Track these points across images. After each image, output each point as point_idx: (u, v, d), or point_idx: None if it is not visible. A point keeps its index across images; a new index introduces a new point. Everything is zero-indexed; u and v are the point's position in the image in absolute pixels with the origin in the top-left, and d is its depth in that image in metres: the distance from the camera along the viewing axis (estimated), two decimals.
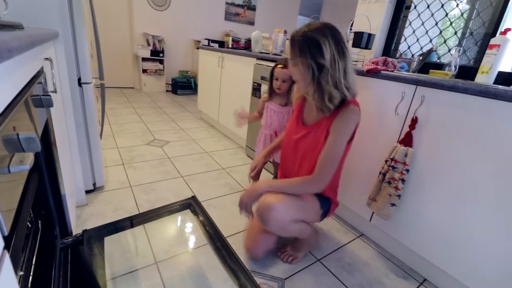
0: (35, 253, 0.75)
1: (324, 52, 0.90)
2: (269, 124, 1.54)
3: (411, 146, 1.11)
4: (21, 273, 0.63)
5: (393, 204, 1.16)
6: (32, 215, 0.80)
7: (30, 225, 0.76)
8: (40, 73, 0.71)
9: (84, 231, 1.00)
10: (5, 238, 0.32)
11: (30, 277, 0.68)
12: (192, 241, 1.25)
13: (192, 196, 1.18)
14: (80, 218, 1.29)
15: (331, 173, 1.00)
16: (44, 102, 0.64)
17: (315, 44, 0.90)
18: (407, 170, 1.11)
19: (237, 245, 1.25)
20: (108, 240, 1.17)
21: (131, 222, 1.11)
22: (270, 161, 1.71)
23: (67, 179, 1.02)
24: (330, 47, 0.91)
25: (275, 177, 1.34)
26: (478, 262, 0.98)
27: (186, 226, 1.34)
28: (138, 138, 2.41)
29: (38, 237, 0.81)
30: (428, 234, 1.12)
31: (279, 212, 1.00)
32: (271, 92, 1.50)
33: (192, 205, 1.18)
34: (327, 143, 1.00)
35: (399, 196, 1.14)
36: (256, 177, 1.34)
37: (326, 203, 1.14)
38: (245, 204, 1.06)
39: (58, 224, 0.97)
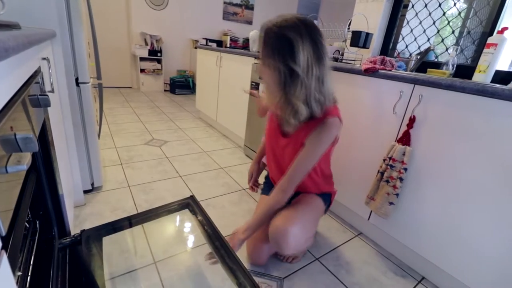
0: (33, 253, 0.74)
1: (298, 56, 0.75)
2: None
3: (409, 145, 1.11)
4: (19, 273, 0.63)
5: (391, 203, 1.16)
6: (30, 216, 0.80)
7: (28, 226, 0.76)
8: (37, 72, 0.71)
9: (82, 231, 0.99)
10: (2, 239, 0.32)
11: (28, 278, 0.68)
12: (190, 241, 1.25)
13: (191, 196, 1.18)
14: (78, 218, 1.28)
15: (298, 182, 0.95)
16: (42, 102, 0.64)
17: (288, 45, 0.75)
18: (405, 169, 1.12)
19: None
20: (107, 240, 1.16)
21: (129, 222, 1.10)
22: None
23: (65, 179, 1.01)
24: (306, 49, 0.76)
25: (268, 181, 1.28)
26: (476, 260, 0.99)
27: (185, 226, 1.34)
28: (136, 137, 2.40)
29: (36, 237, 0.80)
30: (426, 233, 1.12)
31: (296, 237, 0.94)
32: None
33: (190, 204, 1.18)
34: (299, 156, 0.92)
35: (397, 195, 1.15)
36: (255, 184, 1.34)
37: (328, 197, 1.14)
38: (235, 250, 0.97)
39: (56, 224, 0.97)
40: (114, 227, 1.08)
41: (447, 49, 1.63)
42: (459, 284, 1.06)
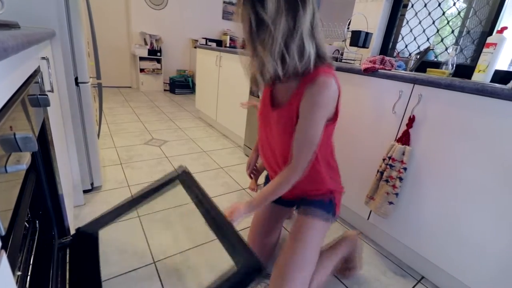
0: (33, 253, 0.74)
1: (268, 3, 0.67)
2: None
3: (408, 145, 1.12)
4: (19, 273, 0.63)
5: (390, 203, 1.16)
6: (29, 215, 0.80)
7: (27, 225, 0.76)
8: (36, 72, 0.71)
9: (78, 229, 0.99)
10: (2, 238, 0.32)
11: (28, 277, 0.68)
12: (185, 214, 1.18)
13: (183, 171, 1.08)
14: (78, 218, 1.28)
15: (308, 159, 0.83)
16: (41, 101, 0.64)
17: None
18: (405, 169, 1.12)
19: None
20: (103, 231, 1.17)
21: (123, 209, 1.06)
22: None
23: (64, 179, 1.01)
24: (278, 3, 0.68)
25: (267, 181, 1.20)
26: (476, 260, 0.99)
27: (177, 197, 1.30)
28: (136, 137, 2.40)
29: (36, 237, 0.80)
30: (426, 232, 1.12)
31: (303, 285, 0.86)
32: None
33: (182, 176, 1.08)
34: (298, 128, 0.82)
35: (396, 194, 1.15)
36: (253, 173, 1.29)
37: (330, 204, 0.99)
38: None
39: (56, 224, 0.96)
40: (108, 218, 1.05)
41: (446, 49, 1.63)
42: (458, 284, 1.06)
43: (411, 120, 1.11)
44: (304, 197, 1.02)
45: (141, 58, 4.34)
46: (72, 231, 1.06)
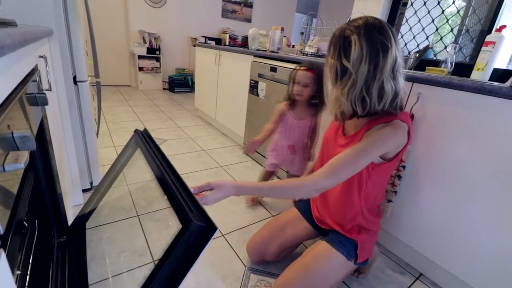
0: (32, 252, 0.74)
1: (350, 52, 0.74)
2: (287, 136, 1.43)
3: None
4: (18, 272, 0.63)
5: (389, 201, 1.17)
6: (28, 214, 0.80)
7: (26, 225, 0.76)
8: (34, 70, 0.70)
9: (69, 227, 0.99)
10: (1, 238, 0.32)
11: (28, 276, 0.68)
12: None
13: (138, 130, 0.96)
14: None
15: (340, 177, 0.78)
16: (39, 100, 0.63)
17: (346, 44, 0.76)
18: (404, 167, 1.12)
19: (235, 243, 1.25)
20: (104, 229, 1.17)
21: (98, 192, 1.03)
22: (284, 170, 1.64)
23: (63, 178, 1.01)
24: (360, 49, 0.74)
25: None
26: (474, 257, 1.00)
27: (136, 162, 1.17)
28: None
29: (35, 236, 0.81)
30: (424, 230, 1.13)
31: None
32: (291, 100, 1.35)
33: (137, 134, 0.95)
34: (351, 147, 0.80)
35: (395, 192, 1.15)
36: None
37: (352, 247, 0.94)
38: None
39: (55, 223, 0.96)
40: (90, 208, 1.02)
41: (445, 47, 1.63)
42: (456, 281, 1.06)
43: (410, 118, 1.11)
44: (332, 229, 1.01)
45: (140, 57, 4.33)
46: None
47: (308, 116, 1.36)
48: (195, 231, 0.50)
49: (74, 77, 1.24)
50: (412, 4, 1.73)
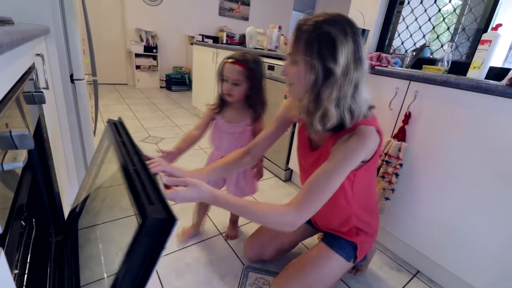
0: (30, 251, 0.74)
1: (339, 55, 0.65)
2: (217, 145, 1.15)
3: (404, 141, 1.12)
4: (17, 271, 0.63)
5: (387, 198, 1.17)
6: (26, 214, 0.80)
7: (24, 224, 0.76)
8: (31, 69, 0.70)
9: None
10: None
11: (26, 275, 0.68)
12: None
13: (115, 121, 0.91)
14: None
15: (316, 207, 0.71)
16: (36, 98, 0.63)
17: (330, 42, 0.66)
18: (401, 165, 1.13)
19: (233, 241, 1.26)
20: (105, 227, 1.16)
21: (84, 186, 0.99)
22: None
23: (60, 176, 1.01)
24: (348, 49, 0.66)
25: None
26: (471, 254, 1.01)
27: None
28: (133, 135, 2.38)
29: (33, 235, 0.80)
30: (421, 227, 1.14)
31: None
32: (222, 101, 1.08)
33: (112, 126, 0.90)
34: (321, 168, 0.73)
35: (392, 190, 1.16)
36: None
37: (352, 249, 0.92)
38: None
39: (52, 222, 0.96)
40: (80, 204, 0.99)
41: (442, 46, 1.64)
42: (453, 278, 1.08)
43: (407, 116, 1.11)
44: (330, 232, 0.99)
45: (137, 55, 4.30)
46: None
47: (243, 120, 1.08)
48: (153, 226, 0.48)
49: (71, 76, 1.23)
50: (409, 2, 1.74)
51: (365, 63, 0.71)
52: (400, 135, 1.13)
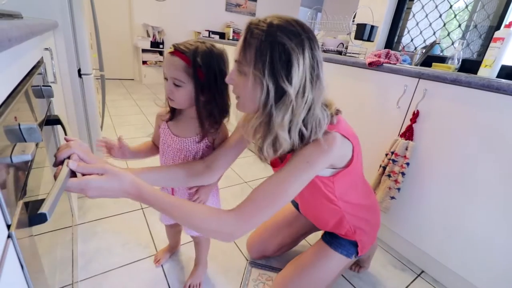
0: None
1: (294, 74, 0.56)
2: (162, 162, 0.86)
3: (411, 140, 1.11)
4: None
5: (392, 197, 1.16)
6: None
7: None
8: (40, 63, 0.71)
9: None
10: (9, 227, 0.32)
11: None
12: None
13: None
14: (82, 209, 1.30)
15: (262, 217, 0.62)
16: (45, 92, 0.64)
17: (285, 57, 0.55)
18: (407, 164, 1.11)
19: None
20: (107, 222, 1.18)
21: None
22: None
23: None
24: (304, 66, 0.56)
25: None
26: (476, 255, 1.00)
27: None
28: (139, 130, 2.40)
29: None
30: (427, 227, 1.13)
31: None
32: (170, 106, 0.80)
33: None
34: (273, 176, 0.65)
35: (398, 189, 1.15)
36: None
37: (352, 246, 0.90)
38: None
39: None
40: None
41: (453, 43, 1.60)
42: (458, 278, 1.07)
43: (415, 115, 1.10)
44: (328, 231, 0.96)
45: (144, 50, 4.32)
46: (76, 222, 1.07)
47: (194, 133, 0.80)
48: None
49: (79, 70, 1.24)
50: None
51: (323, 81, 0.61)
52: (408, 134, 1.12)
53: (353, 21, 1.74)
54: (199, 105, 0.73)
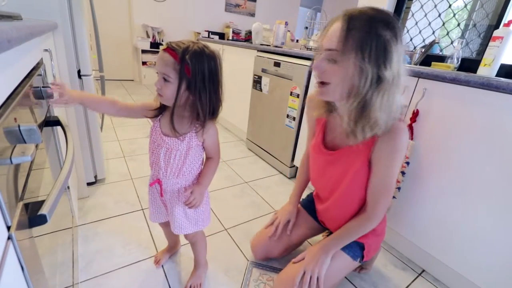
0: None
1: (393, 63, 0.65)
2: (151, 161, 0.84)
3: (411, 139, 1.11)
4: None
5: (393, 197, 1.16)
6: None
7: None
8: (39, 64, 0.71)
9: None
10: (9, 229, 0.32)
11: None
12: None
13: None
14: (82, 210, 1.30)
15: (386, 206, 0.83)
16: (44, 93, 0.64)
17: (383, 47, 0.64)
18: (408, 163, 1.11)
19: (238, 237, 1.26)
20: (108, 223, 1.18)
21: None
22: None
23: None
24: (399, 54, 0.66)
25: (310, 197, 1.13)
26: (477, 254, 1.00)
27: None
28: (139, 130, 2.41)
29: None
30: (427, 226, 1.13)
31: None
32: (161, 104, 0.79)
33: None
34: (375, 176, 0.80)
35: (399, 188, 1.15)
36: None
37: (359, 249, 0.92)
38: (313, 274, 0.83)
39: None
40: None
41: (452, 42, 1.60)
42: (459, 277, 1.07)
43: (415, 114, 1.10)
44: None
45: (143, 51, 4.31)
46: (76, 223, 1.07)
47: (184, 131, 0.78)
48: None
49: (79, 71, 1.24)
50: None
51: (404, 68, 0.70)
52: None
53: None
54: (178, 101, 0.72)
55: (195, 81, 0.71)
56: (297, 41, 2.62)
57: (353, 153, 0.81)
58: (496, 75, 1.19)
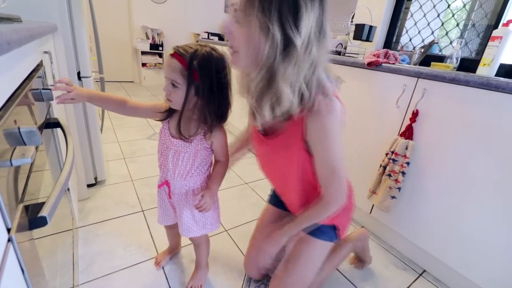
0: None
1: (302, 23, 0.53)
2: (160, 162, 0.86)
3: (411, 139, 1.11)
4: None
5: (393, 197, 1.16)
6: None
7: None
8: (39, 66, 0.71)
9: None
10: (9, 231, 0.32)
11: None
12: None
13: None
14: (82, 212, 1.30)
15: (340, 189, 0.73)
16: (44, 96, 0.64)
17: (291, 3, 0.52)
18: (408, 163, 1.11)
19: (239, 238, 1.26)
20: (110, 224, 1.18)
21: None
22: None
23: None
24: (312, 16, 0.54)
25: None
26: (478, 254, 0.99)
27: None
28: (139, 132, 2.41)
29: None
30: (428, 226, 1.13)
31: None
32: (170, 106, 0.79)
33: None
34: (317, 162, 0.71)
35: (399, 188, 1.15)
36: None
37: (330, 231, 0.89)
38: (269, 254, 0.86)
39: None
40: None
41: (451, 42, 1.61)
42: (460, 277, 1.06)
43: (415, 114, 1.10)
44: None
45: (143, 53, 4.32)
46: (76, 225, 1.07)
47: (191, 133, 0.79)
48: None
49: (78, 73, 1.24)
50: None
51: (328, 42, 0.59)
52: (408, 133, 1.12)
53: (352, 21, 1.75)
54: (186, 106, 0.73)
55: (203, 87, 0.71)
56: None
57: (288, 137, 0.72)
58: (496, 75, 1.19)
